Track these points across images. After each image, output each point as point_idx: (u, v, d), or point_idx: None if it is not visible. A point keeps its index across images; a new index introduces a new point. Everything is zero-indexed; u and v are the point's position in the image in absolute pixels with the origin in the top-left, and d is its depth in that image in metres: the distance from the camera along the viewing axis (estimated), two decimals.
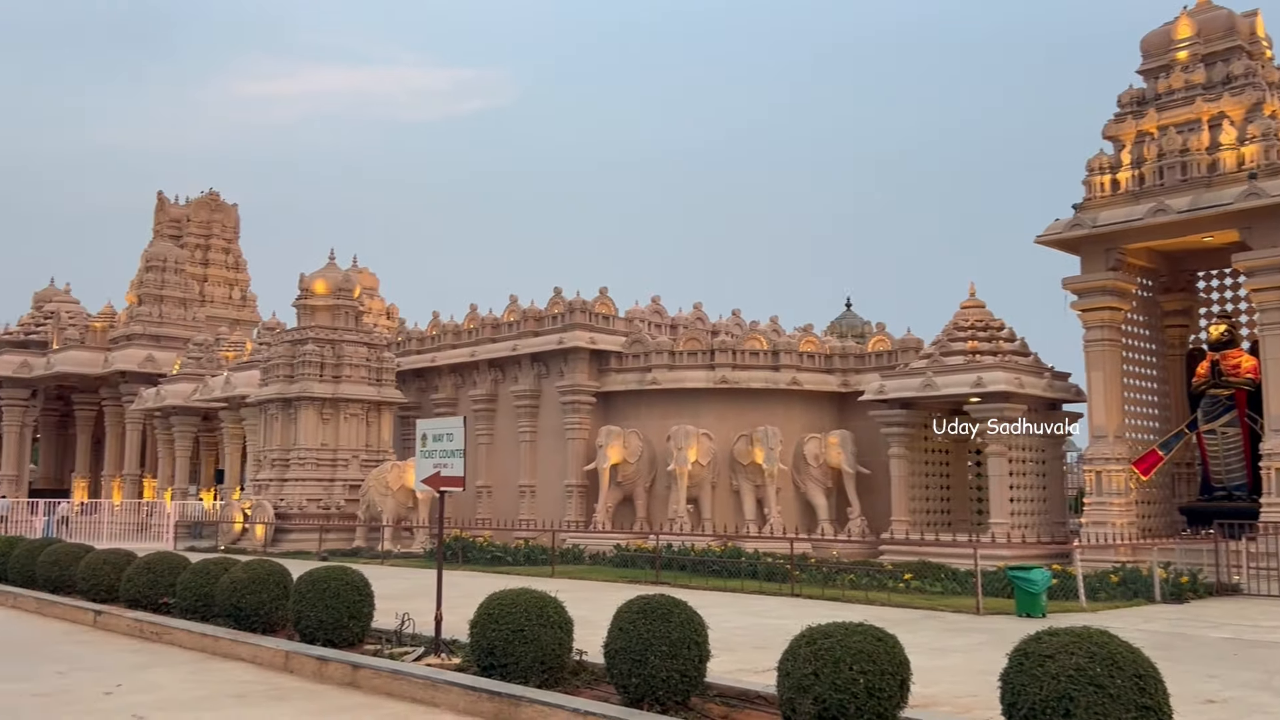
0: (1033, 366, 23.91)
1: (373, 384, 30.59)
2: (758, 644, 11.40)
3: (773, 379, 26.90)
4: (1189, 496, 23.54)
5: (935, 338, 25.46)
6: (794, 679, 6.24)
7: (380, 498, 27.77)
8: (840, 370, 27.78)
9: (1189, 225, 20.97)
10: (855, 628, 6.41)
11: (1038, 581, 14.39)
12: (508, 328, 31.06)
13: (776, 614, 14.50)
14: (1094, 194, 22.50)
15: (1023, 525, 23.11)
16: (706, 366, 27.25)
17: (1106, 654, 5.19)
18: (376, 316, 38.77)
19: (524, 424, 29.77)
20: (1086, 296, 22.23)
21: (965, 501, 26.34)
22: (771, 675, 9.10)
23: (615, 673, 7.69)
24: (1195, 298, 24.60)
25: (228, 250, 48.33)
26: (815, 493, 26.16)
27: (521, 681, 8.26)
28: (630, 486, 27.14)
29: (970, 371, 23.12)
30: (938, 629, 12.66)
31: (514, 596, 8.69)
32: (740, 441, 26.31)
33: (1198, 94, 21.83)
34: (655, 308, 31.08)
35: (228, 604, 11.74)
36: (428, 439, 10.48)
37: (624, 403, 28.39)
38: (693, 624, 7.64)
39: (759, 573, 19.08)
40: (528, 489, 29.43)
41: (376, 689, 8.99)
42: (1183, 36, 22.55)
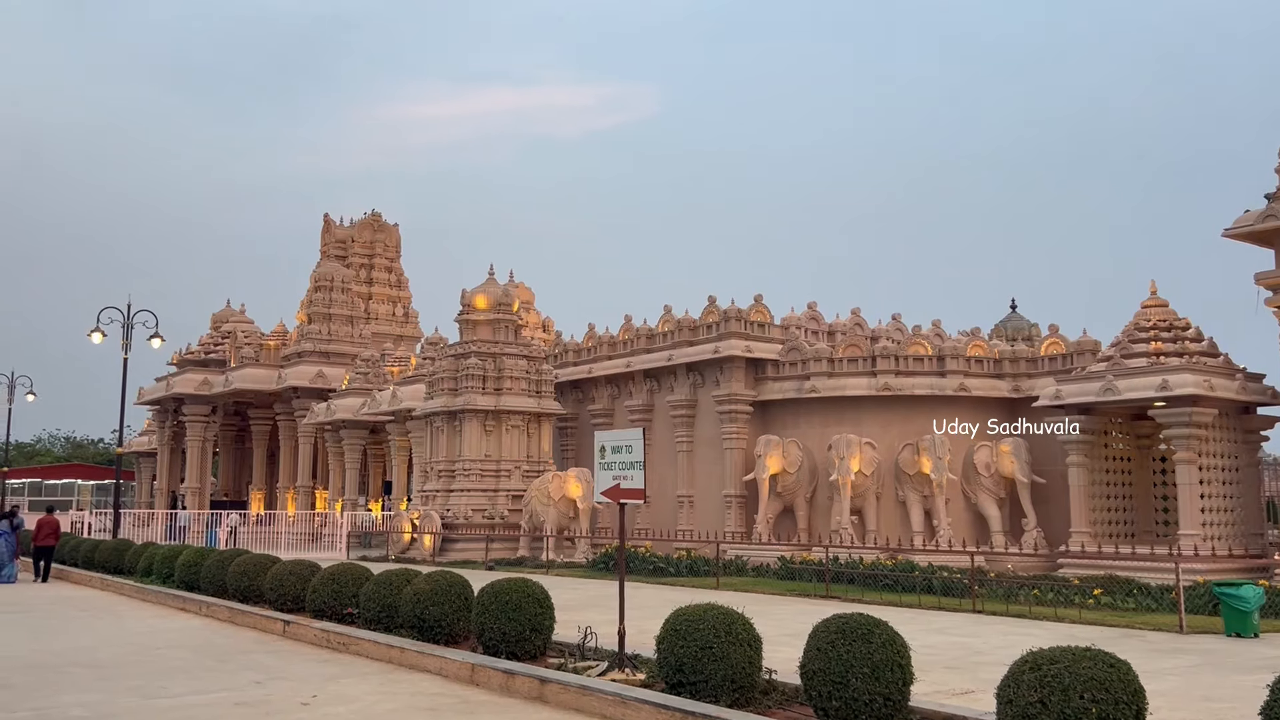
0: (1223, 368, 22.41)
1: (532, 396, 31.05)
2: (948, 664, 10.91)
3: (938, 385, 26.04)
4: None
5: (1114, 339, 24.14)
6: (1018, 707, 5.85)
7: (542, 508, 28.12)
8: (1011, 375, 26.68)
9: None
10: (1083, 652, 5.97)
11: (1249, 598, 13.36)
12: (662, 338, 31.07)
13: (961, 631, 13.91)
14: None
15: (1216, 537, 21.64)
16: (868, 373, 26.59)
17: None
18: (533, 330, 39.42)
19: (680, 434, 29.69)
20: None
21: (1149, 512, 24.84)
22: (970, 699, 8.70)
23: (813, 694, 7.41)
24: None
25: (390, 269, 50.02)
26: (987, 503, 25.15)
27: (712, 700, 8.08)
28: (790, 497, 26.69)
29: (1155, 374, 21.82)
30: (1142, 649, 11.86)
31: (701, 612, 8.52)
32: (906, 450, 25.54)
33: None
34: (811, 314, 30.56)
35: (411, 615, 11.96)
36: (606, 450, 10.43)
37: (782, 411, 27.98)
38: (895, 644, 7.30)
39: (935, 587, 18.41)
40: (686, 499, 29.31)
41: (564, 704, 8.96)
42: None
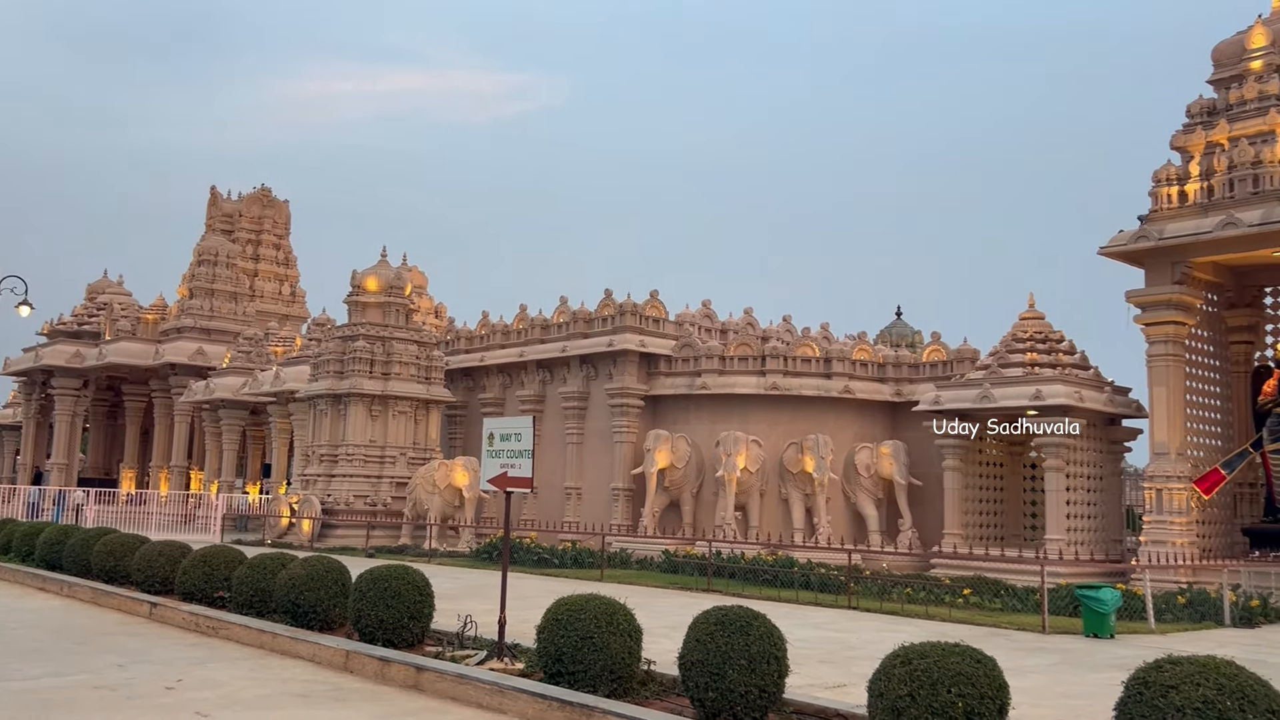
0: (1093, 380, 23.41)
1: (421, 382, 30.61)
2: (823, 658, 11.14)
3: (825, 386, 26.58)
4: (1251, 517, 22.94)
5: (992, 349, 25.02)
6: (888, 700, 6.00)
7: (427, 496, 27.76)
8: (894, 379, 27.40)
9: (1259, 239, 20.42)
10: (952, 649, 6.15)
11: (1107, 601, 13.99)
12: (557, 329, 30.97)
13: (836, 627, 14.22)
14: (1160, 205, 21.99)
15: (1079, 542, 22.62)
16: (757, 372, 26.97)
17: (1237, 686, 4.91)
18: (426, 315, 38.84)
19: (571, 425, 29.65)
20: (1150, 310, 21.73)
21: (1019, 516, 25.85)
22: (842, 692, 8.90)
23: (691, 685, 7.48)
24: (1262, 314, 24.01)
25: (278, 246, 48.68)
26: (866, 503, 25.78)
27: (590, 690, 8.09)
28: (677, 492, 26.92)
29: (1029, 384, 22.67)
30: (1007, 647, 12.31)
31: (582, 602, 8.51)
32: (790, 449, 26.00)
33: (1271, 104, 21.28)
34: (706, 312, 30.85)
35: (285, 600, 11.67)
36: (495, 438, 10.33)
37: (672, 407, 28.18)
38: (772, 638, 7.42)
39: (813, 583, 18.80)
40: (573, 491, 29.29)
41: (440, 693, 8.85)
42: (1256, 46, 22.00)
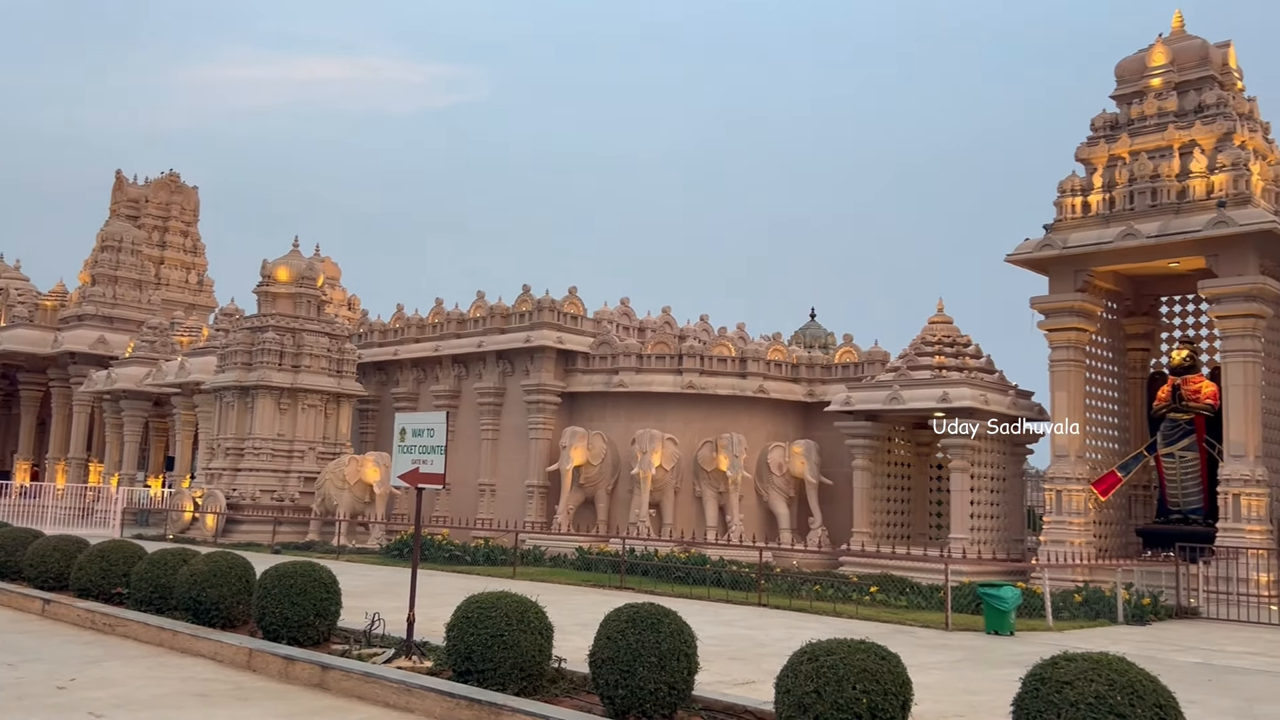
0: (998, 384, 24.05)
1: (333, 375, 30.09)
2: (733, 655, 11.24)
3: (740, 386, 26.83)
4: (1145, 518, 23.81)
5: (902, 351, 25.55)
6: (794, 696, 6.08)
7: (336, 491, 27.31)
8: (806, 380, 27.79)
9: (1157, 250, 21.20)
10: (857, 645, 6.26)
11: (1008, 599, 14.39)
12: (474, 324, 30.71)
13: (746, 624, 14.37)
14: (1065, 215, 22.69)
15: (983, 541, 23.23)
16: (674, 371, 27.11)
17: (1126, 682, 5.09)
18: (338, 307, 38.18)
19: (486, 421, 29.43)
20: (1053, 317, 22.41)
21: (924, 515, 26.45)
22: (751, 688, 8.99)
23: (601, 683, 7.49)
24: (1158, 322, 24.92)
25: (186, 233, 47.35)
26: (777, 501, 26.11)
27: (499, 688, 8.04)
28: (592, 489, 26.92)
29: (936, 386, 23.20)
30: (911, 644, 12.58)
31: (493, 600, 8.46)
32: (705, 447, 26.20)
33: (1170, 121, 22.09)
34: (624, 310, 30.90)
35: (186, 597, 11.36)
36: (406, 433, 10.21)
37: (589, 404, 28.17)
38: (682, 635, 7.46)
39: (725, 580, 18.96)
40: (488, 487, 29.09)
41: (346, 691, 8.71)
42: (1157, 64, 22.81)
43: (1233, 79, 22.75)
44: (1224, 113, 21.54)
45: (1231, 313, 20.20)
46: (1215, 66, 22.35)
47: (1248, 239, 19.93)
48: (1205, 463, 21.88)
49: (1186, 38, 22.91)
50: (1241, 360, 20.12)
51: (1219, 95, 21.78)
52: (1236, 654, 13.12)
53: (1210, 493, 21.16)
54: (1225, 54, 22.75)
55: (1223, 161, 20.83)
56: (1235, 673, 11.50)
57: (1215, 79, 22.23)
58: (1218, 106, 21.66)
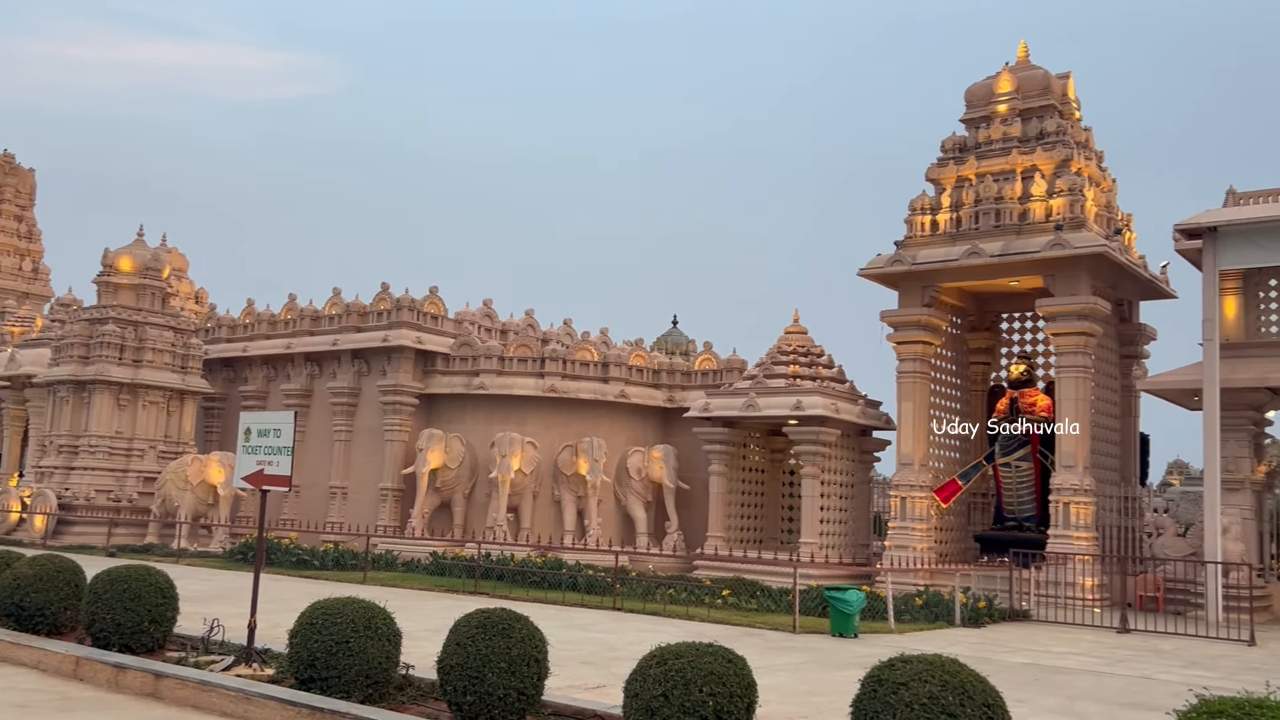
0: (848, 393, 24.80)
1: (177, 371, 28.84)
2: (585, 659, 11.25)
3: (602, 391, 26.90)
4: (983, 525, 24.92)
5: (759, 360, 26.07)
6: (642, 700, 6.12)
7: (178, 492, 26.18)
8: (667, 386, 28.06)
9: (999, 269, 22.24)
10: (705, 649, 6.35)
11: (852, 602, 14.84)
12: (328, 321, 29.90)
13: (600, 628, 14.41)
14: (915, 232, 23.58)
15: (831, 545, 23.90)
16: (536, 374, 26.99)
17: (958, 683, 5.31)
18: (185, 300, 36.58)
19: (340, 422, 28.68)
20: (902, 330, 23.26)
21: (777, 520, 27.05)
22: (601, 693, 9.02)
23: (449, 689, 7.37)
24: (999, 338, 26.15)
25: (20, 218, 44.63)
26: (635, 506, 26.28)
27: (344, 696, 7.83)
28: (449, 492, 26.54)
29: (790, 395, 23.77)
30: (759, 647, 12.84)
31: (340, 605, 8.24)
32: (565, 451, 26.16)
33: (1014, 146, 23.22)
34: (486, 311, 30.58)
35: (9, 602, 10.70)
36: (252, 433, 9.85)
37: (448, 406, 27.77)
38: (533, 640, 7.42)
39: (580, 585, 18.97)
40: (339, 490, 28.33)
41: (181, 700, 8.34)
42: (1003, 91, 23.96)
43: (1071, 108, 24.07)
44: (1063, 140, 22.76)
45: (1065, 330, 21.35)
46: (1056, 96, 23.61)
47: (1081, 261, 21.11)
48: (1039, 472, 23.06)
49: (1031, 67, 24.12)
50: (1073, 375, 21.28)
51: (1059, 123, 23.00)
52: (1062, 654, 13.85)
53: (1043, 501, 22.30)
54: (1065, 85, 24.05)
55: (1061, 187, 22.01)
56: (1061, 672, 12.14)
57: (1056, 108, 23.48)
58: (1058, 134, 22.87)
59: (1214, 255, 19.80)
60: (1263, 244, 19.39)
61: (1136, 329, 24.39)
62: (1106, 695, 10.50)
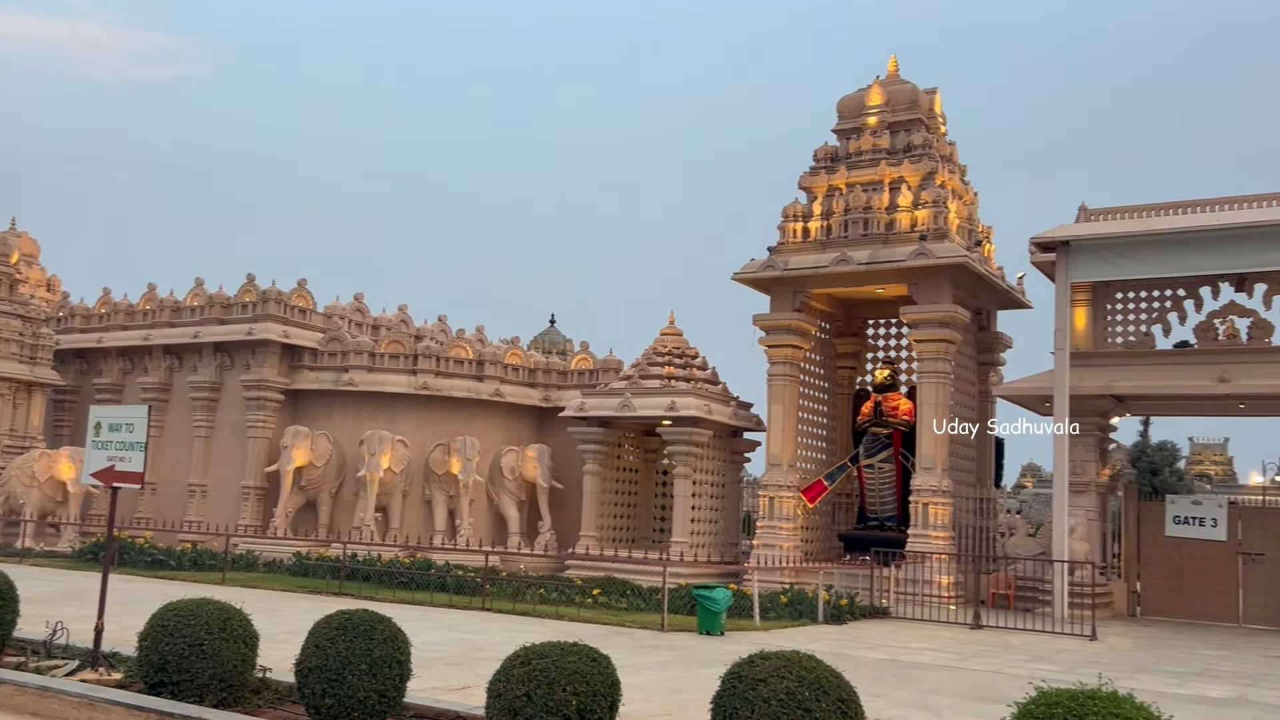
0: (721, 395, 25.16)
1: (25, 361, 27.36)
2: (451, 660, 11.13)
3: (476, 389, 26.63)
4: (846, 524, 25.63)
5: (635, 361, 26.24)
6: (505, 700, 6.09)
7: (24, 489, 24.85)
8: (543, 385, 27.97)
9: (866, 277, 22.90)
10: (570, 648, 6.36)
11: (719, 600, 15.06)
12: (190, 312, 28.79)
13: (468, 628, 14.27)
14: (787, 239, 24.09)
15: (701, 545, 24.21)
16: (408, 371, 26.53)
17: (814, 679, 5.45)
18: (35, 287, 34.69)
19: (200, 418, 27.63)
20: (773, 334, 23.74)
21: (649, 520, 27.26)
22: (466, 694, 8.93)
23: (307, 692, 7.19)
24: (865, 343, 26.93)
25: None
26: (508, 506, 26.11)
27: (196, 700, 7.57)
28: (315, 491, 25.86)
29: (665, 395, 23.99)
30: (628, 645, 12.92)
31: (193, 607, 7.95)
32: (437, 450, 25.80)
33: (882, 158, 23.94)
34: (357, 306, 29.91)
35: None
36: (102, 427, 9.42)
37: (316, 403, 27.06)
38: (396, 641, 7.30)
39: (449, 585, 18.75)
40: (199, 488, 27.30)
41: (19, 708, 7.92)
42: (873, 104, 24.68)
43: (937, 123, 24.95)
44: (929, 154, 23.58)
45: (927, 337, 22.13)
46: (923, 110, 24.44)
47: (943, 271, 21.92)
48: (900, 474, 23.83)
49: (900, 82, 24.91)
50: (934, 381, 22.08)
51: (925, 137, 23.82)
52: (918, 650, 14.35)
53: (904, 501, 23.06)
54: (933, 100, 24.92)
55: (926, 199, 22.80)
56: (916, 667, 12.58)
57: (923, 122, 24.30)
58: (924, 148, 23.68)
59: (1066, 268, 20.79)
60: (1111, 259, 20.46)
61: (994, 337, 25.45)
62: (958, 689, 10.93)
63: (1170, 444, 40.21)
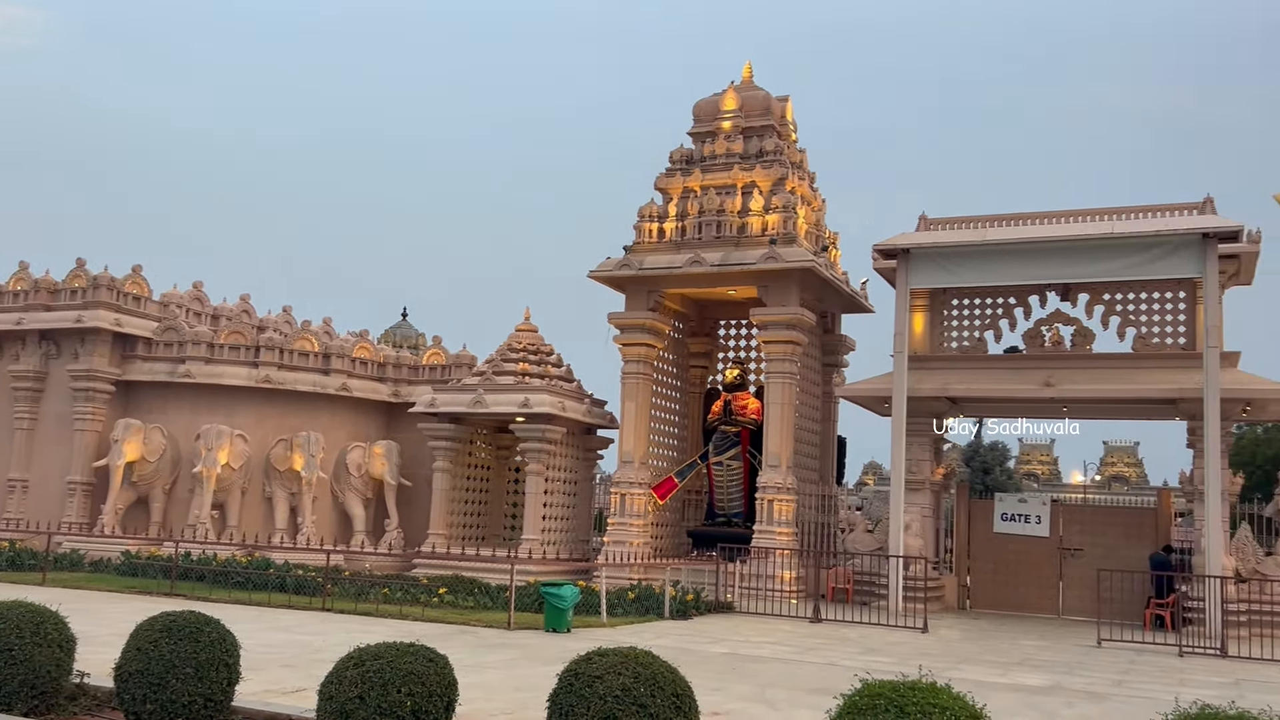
0: (576, 392, 25.19)
1: None
2: (286, 662, 10.79)
3: (322, 383, 25.88)
4: (696, 521, 26.02)
5: (489, 356, 26.00)
6: (337, 703, 5.95)
7: None
8: (393, 380, 27.41)
9: (719, 278, 23.30)
10: (406, 648, 6.26)
11: (566, 598, 15.08)
12: (13, 297, 27.03)
13: (306, 630, 13.88)
14: (643, 239, 24.30)
15: (553, 542, 24.19)
16: (250, 363, 25.58)
17: (650, 674, 5.51)
18: None
19: (22, 409, 25.99)
20: (628, 332, 23.91)
21: (500, 518, 27.07)
22: (300, 696, 8.68)
23: (127, 698, 6.88)
24: (716, 343, 27.40)
25: None
26: (354, 503, 25.49)
27: (4, 709, 7.13)
28: (147, 488, 24.67)
29: (519, 392, 23.86)
30: (472, 644, 12.80)
31: (3, 610, 7.50)
32: (279, 446, 24.97)
33: (736, 162, 24.39)
34: (196, 294, 28.66)
35: None
36: None
37: (150, 395, 25.80)
38: (224, 643, 7.05)
39: (288, 585, 18.20)
40: (19, 483, 25.66)
41: None
42: (728, 108, 25.12)
43: (789, 130, 25.58)
44: (780, 160, 24.15)
45: (775, 338, 22.67)
46: (775, 117, 25.01)
47: (792, 274, 22.49)
48: (748, 471, 24.33)
49: (754, 88, 25.43)
50: (781, 381, 22.64)
51: (777, 143, 24.38)
52: (759, 644, 14.69)
53: (751, 498, 23.55)
54: (785, 107, 25.52)
55: (776, 204, 23.34)
56: (756, 661, 12.88)
57: (775, 128, 24.86)
58: (775, 154, 24.24)
59: (906, 274, 21.61)
60: (948, 266, 21.37)
61: (838, 339, 26.27)
62: (794, 682, 11.24)
63: (1001, 445, 42.35)
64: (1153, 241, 19.29)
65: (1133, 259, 19.49)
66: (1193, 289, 20.94)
